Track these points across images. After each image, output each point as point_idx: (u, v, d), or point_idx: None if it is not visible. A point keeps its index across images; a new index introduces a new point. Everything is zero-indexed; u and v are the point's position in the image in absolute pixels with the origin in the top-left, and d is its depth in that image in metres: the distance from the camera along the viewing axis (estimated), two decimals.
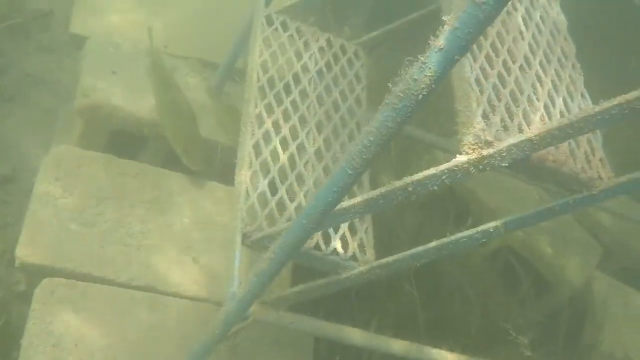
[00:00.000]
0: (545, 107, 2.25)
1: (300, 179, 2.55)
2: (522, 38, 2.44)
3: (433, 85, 1.55)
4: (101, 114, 3.06)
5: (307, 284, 2.50)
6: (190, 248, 2.90)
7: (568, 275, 3.62)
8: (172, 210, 2.97)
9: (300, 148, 2.63)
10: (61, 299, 2.58)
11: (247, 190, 2.41)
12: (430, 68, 1.52)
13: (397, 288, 3.30)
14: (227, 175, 3.18)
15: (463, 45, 1.47)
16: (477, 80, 2.16)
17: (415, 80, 1.54)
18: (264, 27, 2.93)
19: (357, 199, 2.03)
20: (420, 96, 1.56)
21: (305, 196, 2.50)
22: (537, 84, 2.31)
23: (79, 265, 2.70)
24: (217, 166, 3.18)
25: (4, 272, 2.95)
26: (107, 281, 2.71)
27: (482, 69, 2.23)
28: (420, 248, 2.37)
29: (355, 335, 2.58)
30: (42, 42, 3.83)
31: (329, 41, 3.02)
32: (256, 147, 2.54)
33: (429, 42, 1.61)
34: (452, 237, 2.33)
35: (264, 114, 2.64)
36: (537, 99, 2.25)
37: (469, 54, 2.23)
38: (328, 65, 2.94)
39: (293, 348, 2.77)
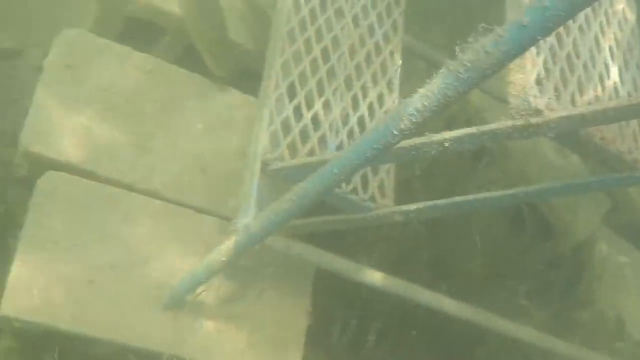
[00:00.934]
0: (600, 76, 2.11)
1: (327, 106, 2.41)
2: None
3: (506, 62, 1.41)
4: None
5: (320, 218, 2.43)
6: (200, 156, 2.78)
7: (574, 227, 3.55)
8: (184, 113, 2.82)
9: (330, 73, 2.48)
10: (63, 196, 2.49)
11: (271, 114, 2.28)
12: (506, 43, 1.38)
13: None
14: (244, 81, 3.03)
15: (549, 27, 1.33)
16: None
17: (488, 52, 1.41)
18: None
19: None
20: (490, 70, 1.43)
21: (330, 127, 2.38)
22: (595, 49, 2.15)
23: (84, 162, 2.58)
24: (236, 69, 3.02)
25: (6, 152, 2.82)
26: (111, 181, 2.60)
27: None
28: (442, 201, 2.29)
29: (359, 271, 2.54)
30: None
31: None
32: (285, 66, 2.39)
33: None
34: (478, 196, 2.25)
35: (297, 31, 2.47)
36: (593, 66, 2.10)
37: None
38: None
39: (295, 275, 2.71)
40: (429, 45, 3.42)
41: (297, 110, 2.34)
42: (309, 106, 2.36)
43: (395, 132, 1.61)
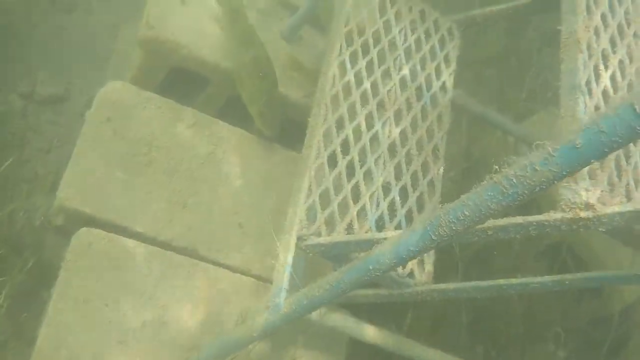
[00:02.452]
0: None
1: (368, 176, 2.33)
2: None
3: (555, 181, 1.32)
4: (163, 49, 2.81)
5: (355, 291, 2.34)
6: (238, 213, 2.73)
7: (624, 287, 3.41)
8: (225, 168, 2.77)
9: (374, 140, 2.40)
10: (97, 254, 2.45)
11: (310, 187, 2.21)
12: (557, 164, 1.29)
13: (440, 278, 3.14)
14: (288, 132, 2.96)
15: (604, 152, 1.24)
16: None
17: (536, 170, 1.32)
18: None
19: None
20: (537, 188, 1.34)
21: (370, 198, 2.29)
22: None
23: (120, 217, 2.55)
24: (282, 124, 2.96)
25: (44, 199, 2.83)
26: (146, 238, 2.56)
27: (597, 109, 1.96)
28: (485, 282, 2.20)
29: (394, 341, 2.45)
30: None
31: (422, 14, 2.73)
32: (327, 135, 2.32)
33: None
34: (522, 280, 2.15)
35: (341, 96, 2.40)
36: None
37: (585, 88, 1.97)
38: (418, 43, 2.66)
39: (329, 339, 2.63)
40: (478, 98, 3.32)
41: (337, 181, 2.27)
42: (350, 176, 2.28)
43: (434, 238, 1.54)
